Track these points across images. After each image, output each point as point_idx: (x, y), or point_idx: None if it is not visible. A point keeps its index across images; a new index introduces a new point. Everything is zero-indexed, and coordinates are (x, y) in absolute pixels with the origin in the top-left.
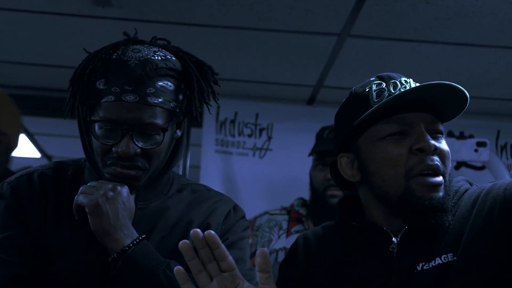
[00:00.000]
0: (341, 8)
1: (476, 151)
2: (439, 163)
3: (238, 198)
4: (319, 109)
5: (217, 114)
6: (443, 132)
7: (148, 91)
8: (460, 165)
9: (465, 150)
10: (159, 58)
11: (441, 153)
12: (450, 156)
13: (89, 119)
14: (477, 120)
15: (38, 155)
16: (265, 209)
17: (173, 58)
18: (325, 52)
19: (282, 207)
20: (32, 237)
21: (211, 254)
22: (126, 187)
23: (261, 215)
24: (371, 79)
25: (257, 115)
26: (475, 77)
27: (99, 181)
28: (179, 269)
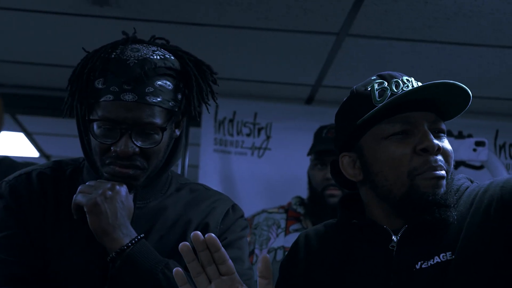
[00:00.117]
0: (339, 7)
1: (474, 150)
2: (442, 162)
3: (236, 197)
4: (317, 108)
5: (216, 113)
6: (445, 130)
7: (146, 91)
8: (458, 164)
9: (464, 149)
10: (158, 57)
11: (444, 152)
12: (453, 154)
13: (87, 118)
14: (475, 119)
15: (36, 155)
16: (263, 208)
17: (172, 57)
18: (323, 51)
19: (279, 206)
20: (30, 236)
21: (211, 257)
22: (124, 186)
23: (258, 213)
24: (372, 78)
25: (256, 114)
26: (474, 77)
27: (97, 180)
28: (178, 271)
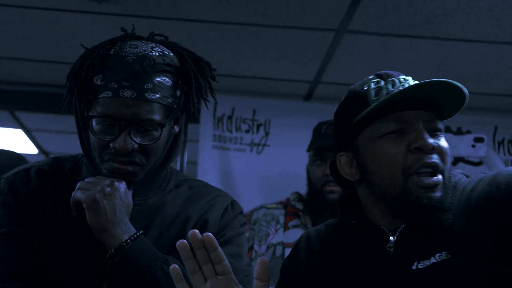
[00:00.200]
0: (338, 3)
1: (473, 146)
2: (437, 160)
3: (235, 193)
4: (316, 104)
5: (215, 110)
6: (442, 129)
7: (145, 87)
8: (457, 160)
9: (463, 145)
10: (157, 53)
11: (440, 151)
12: (449, 153)
13: (86, 114)
14: (474, 115)
15: (35, 151)
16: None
17: (171, 53)
18: (322, 47)
19: (278, 201)
20: (29, 233)
21: (207, 256)
22: (123, 182)
23: (257, 209)
24: (370, 77)
25: (255, 110)
26: (473, 73)
27: (96, 177)
28: (175, 267)
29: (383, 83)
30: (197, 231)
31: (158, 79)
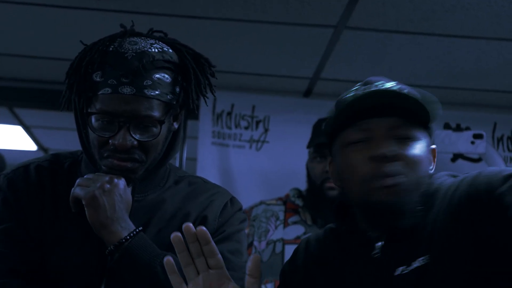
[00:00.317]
0: (337, 0)
1: (472, 143)
2: (399, 168)
3: (234, 190)
4: (316, 101)
5: (214, 106)
6: (416, 135)
7: (145, 84)
8: (456, 157)
9: (462, 142)
10: (156, 50)
11: (406, 159)
12: (420, 159)
13: (85, 111)
14: (473, 112)
15: (34, 148)
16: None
17: (170, 50)
18: (321, 44)
19: (278, 197)
20: (28, 229)
21: (200, 249)
22: (123, 179)
23: (257, 205)
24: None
25: (254, 107)
26: (472, 69)
27: (96, 174)
28: (169, 260)
29: (362, 89)
30: (191, 224)
31: (157, 75)
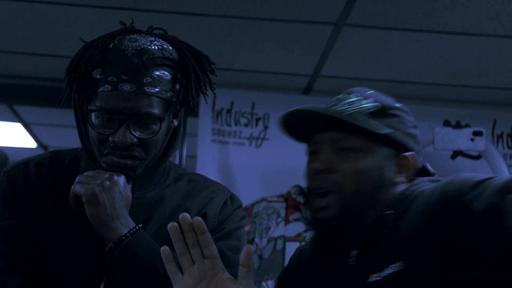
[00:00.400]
0: None
1: (472, 140)
2: (327, 182)
3: (234, 187)
4: (315, 98)
5: (213, 103)
6: (354, 147)
7: (144, 81)
8: (456, 154)
9: (462, 139)
10: (156, 47)
11: (341, 170)
12: (361, 169)
13: (85, 108)
14: (473, 109)
15: (34, 145)
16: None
17: (170, 47)
18: (321, 41)
19: (279, 194)
20: (28, 226)
21: (196, 239)
22: (122, 176)
23: (258, 202)
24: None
25: (254, 104)
26: (472, 66)
27: (95, 171)
28: (165, 249)
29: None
30: (187, 214)
31: (157, 73)
